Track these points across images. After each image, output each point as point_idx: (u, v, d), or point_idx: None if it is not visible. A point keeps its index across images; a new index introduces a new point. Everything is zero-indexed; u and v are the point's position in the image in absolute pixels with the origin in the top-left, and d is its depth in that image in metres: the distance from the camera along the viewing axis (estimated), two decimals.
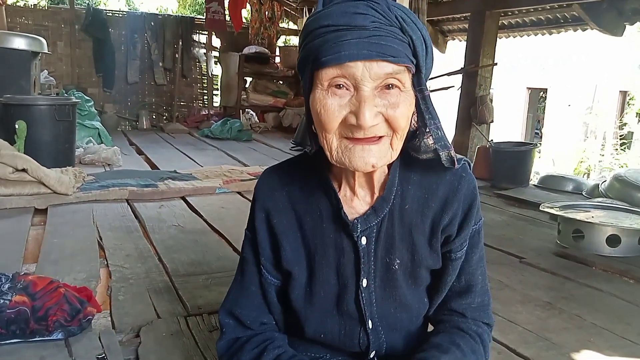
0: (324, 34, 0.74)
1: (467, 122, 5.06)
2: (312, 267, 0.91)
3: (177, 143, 5.90)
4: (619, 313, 1.84)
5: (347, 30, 0.72)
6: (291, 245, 0.92)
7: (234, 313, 0.97)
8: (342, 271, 0.90)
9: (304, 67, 0.79)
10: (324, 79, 0.75)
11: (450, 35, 6.54)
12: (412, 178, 0.88)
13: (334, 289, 0.91)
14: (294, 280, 0.93)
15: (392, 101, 0.75)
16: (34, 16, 7.18)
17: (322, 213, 0.90)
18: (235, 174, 3.87)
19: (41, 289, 1.55)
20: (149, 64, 7.73)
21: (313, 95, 0.77)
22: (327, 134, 0.77)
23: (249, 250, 0.97)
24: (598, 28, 4.61)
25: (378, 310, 0.91)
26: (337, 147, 0.77)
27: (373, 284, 0.90)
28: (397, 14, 0.75)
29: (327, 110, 0.75)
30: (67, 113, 3.81)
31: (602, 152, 8.87)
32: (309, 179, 0.92)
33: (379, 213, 0.87)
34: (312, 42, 0.76)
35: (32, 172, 2.97)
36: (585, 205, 2.92)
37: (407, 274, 0.91)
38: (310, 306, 0.92)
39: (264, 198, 0.94)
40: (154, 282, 1.91)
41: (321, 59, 0.74)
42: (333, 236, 0.89)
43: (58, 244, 2.29)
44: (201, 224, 2.72)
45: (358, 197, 0.88)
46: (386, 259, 0.89)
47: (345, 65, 0.72)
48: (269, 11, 8.08)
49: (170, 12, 14.45)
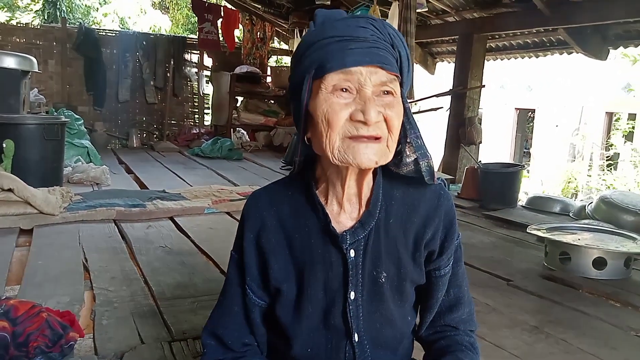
0: (328, 44, 0.82)
1: (455, 143, 5.11)
2: (301, 284, 0.92)
3: (167, 162, 5.88)
4: (605, 337, 1.84)
5: (351, 41, 0.81)
6: (279, 263, 0.93)
7: (216, 333, 0.97)
8: (329, 285, 0.91)
9: (303, 78, 0.84)
10: (329, 83, 0.81)
11: (439, 57, 6.65)
12: (395, 195, 0.93)
13: (321, 303, 0.92)
14: (282, 297, 0.93)
15: (388, 103, 0.82)
16: (26, 35, 7.19)
17: (310, 229, 0.92)
18: (224, 194, 3.86)
19: (23, 314, 1.53)
20: (140, 83, 7.75)
21: (316, 100, 0.82)
22: (332, 132, 0.81)
23: (234, 271, 0.98)
24: (583, 52, 4.71)
25: (364, 325, 0.92)
26: (340, 146, 0.82)
27: (360, 297, 0.91)
28: (389, 32, 0.85)
29: (333, 107, 0.81)
30: (56, 132, 3.79)
31: (589, 172, 8.97)
32: (297, 197, 0.94)
33: (366, 226, 0.90)
34: (315, 53, 0.83)
35: (19, 192, 2.94)
36: (572, 227, 2.94)
37: (394, 288, 0.93)
38: (298, 322, 0.93)
39: (253, 219, 0.95)
40: (138, 305, 1.88)
41: (327, 65, 0.81)
42: (321, 251, 0.91)
43: (43, 265, 2.26)
44: (189, 245, 2.70)
45: (345, 212, 0.91)
46: (373, 272, 0.91)
47: (350, 70, 0.80)
48: (261, 32, 8.17)
49: (163, 31, 14.54)
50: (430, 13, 5.37)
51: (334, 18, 0.85)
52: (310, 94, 0.84)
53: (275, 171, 5.57)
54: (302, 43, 0.86)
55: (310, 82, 0.83)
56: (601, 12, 3.94)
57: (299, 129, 0.89)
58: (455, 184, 4.87)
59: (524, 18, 4.53)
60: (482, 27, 4.97)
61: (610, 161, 9.01)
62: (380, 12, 4.87)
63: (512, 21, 4.70)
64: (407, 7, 4.40)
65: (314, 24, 0.86)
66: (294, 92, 0.87)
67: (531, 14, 4.37)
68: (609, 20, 4.04)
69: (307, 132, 0.88)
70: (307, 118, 0.86)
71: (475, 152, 5.10)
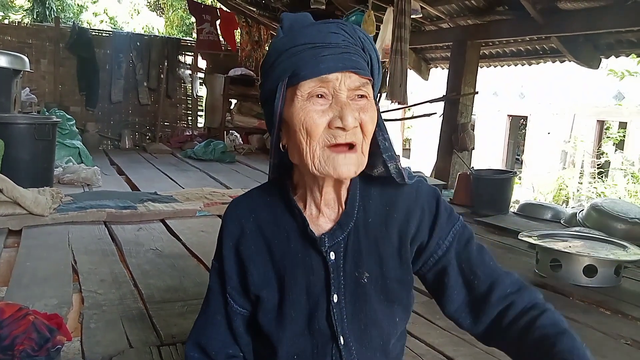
0: (301, 51, 0.81)
1: (448, 149, 5.12)
2: (282, 290, 0.92)
3: (159, 163, 5.85)
4: (595, 345, 1.84)
5: (324, 47, 0.81)
6: (258, 270, 0.93)
7: (200, 344, 0.97)
8: (311, 289, 0.91)
9: (276, 85, 0.84)
10: (305, 91, 0.81)
11: (432, 63, 6.67)
12: (372, 193, 0.93)
13: (304, 308, 0.91)
14: (263, 304, 0.92)
15: (362, 106, 0.83)
16: (18, 33, 7.13)
17: (289, 234, 0.92)
18: (216, 197, 3.84)
19: (9, 317, 1.51)
20: (134, 84, 7.71)
21: (292, 108, 0.82)
22: (311, 140, 0.81)
23: (215, 279, 0.98)
24: (575, 60, 4.75)
25: (349, 326, 0.91)
26: (320, 157, 0.82)
27: (343, 299, 0.90)
28: (359, 36, 0.85)
29: (311, 115, 0.80)
30: (47, 132, 3.76)
31: (580, 180, 9.04)
32: (276, 202, 0.94)
33: (345, 228, 0.90)
34: (287, 60, 0.82)
35: (8, 192, 2.90)
36: (563, 234, 2.95)
37: (378, 288, 0.91)
38: (281, 329, 0.92)
39: (232, 226, 0.95)
40: (127, 309, 1.86)
41: (301, 73, 0.80)
42: (301, 255, 0.91)
43: (31, 267, 2.23)
44: (180, 248, 2.68)
45: (324, 215, 0.91)
46: (355, 273, 0.90)
47: (326, 77, 0.80)
48: (256, 34, 8.16)
49: (156, 32, 14.50)
50: (425, 19, 5.40)
51: (303, 24, 0.85)
52: (284, 102, 0.84)
53: (267, 174, 5.55)
54: (272, 50, 0.85)
55: (284, 90, 0.83)
56: (593, 21, 3.97)
57: (272, 136, 0.88)
58: (448, 190, 4.88)
59: (517, 26, 4.56)
60: (475, 34, 5.00)
61: (601, 169, 9.09)
62: (375, 17, 4.89)
63: (506, 29, 4.72)
64: (401, 12, 4.41)
65: (281, 29, 0.85)
66: (266, 99, 0.87)
67: (524, 22, 4.40)
68: (600, 29, 4.08)
69: (281, 139, 0.87)
70: (282, 126, 0.86)
71: (467, 158, 5.12)
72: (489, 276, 0.91)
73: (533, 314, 0.86)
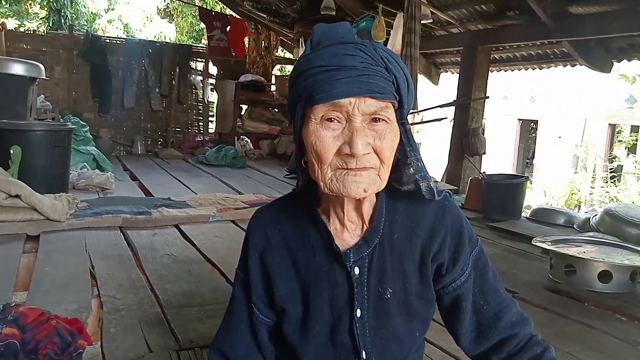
0: (316, 73, 0.80)
1: (459, 154, 5.12)
2: (306, 302, 0.92)
3: (172, 169, 5.91)
4: (611, 352, 1.84)
5: (338, 70, 0.79)
6: (284, 282, 0.93)
7: (223, 352, 0.97)
8: (335, 303, 0.91)
9: (296, 104, 0.83)
10: (318, 114, 0.80)
11: (443, 68, 6.68)
12: (399, 208, 0.92)
13: (328, 321, 0.92)
14: (288, 316, 0.93)
15: (380, 132, 0.81)
16: (33, 41, 7.25)
17: (314, 247, 0.92)
18: (229, 202, 3.87)
19: (32, 321, 1.54)
20: (146, 90, 7.80)
21: (307, 129, 0.82)
22: (322, 164, 0.81)
23: (239, 289, 0.98)
24: (587, 64, 4.74)
25: (371, 341, 0.91)
26: (331, 177, 0.81)
27: (366, 314, 0.91)
28: (382, 55, 0.82)
29: (322, 141, 0.80)
30: (63, 139, 3.82)
31: (592, 184, 8.96)
32: (300, 215, 0.94)
33: (370, 243, 0.90)
34: (304, 82, 0.81)
35: (26, 198, 2.96)
36: (577, 239, 2.94)
37: (401, 303, 0.92)
38: (305, 341, 0.93)
39: (257, 237, 0.95)
40: (146, 313, 1.89)
41: (315, 96, 0.79)
42: (326, 269, 0.91)
43: (50, 272, 2.27)
44: (194, 254, 2.71)
45: (348, 230, 0.91)
46: (378, 289, 0.91)
47: (338, 102, 0.78)
48: (265, 41, 8.22)
49: (168, 39, 14.64)
50: (435, 24, 5.41)
51: (330, 40, 0.82)
52: (303, 121, 0.83)
53: (279, 179, 5.58)
54: (296, 67, 0.85)
55: (301, 110, 0.83)
56: (604, 25, 3.96)
57: (296, 151, 0.89)
58: (459, 195, 4.87)
59: (528, 30, 4.56)
60: (486, 38, 5.00)
61: (614, 173, 9.01)
62: (385, 23, 4.91)
63: (516, 33, 4.73)
64: (411, 18, 4.43)
65: (310, 42, 0.84)
66: (292, 113, 0.87)
67: (535, 26, 4.39)
68: (612, 33, 4.07)
69: (303, 156, 0.87)
70: (301, 143, 0.86)
71: (478, 163, 5.11)
72: (498, 304, 0.96)
73: (537, 350, 0.94)
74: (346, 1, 5.80)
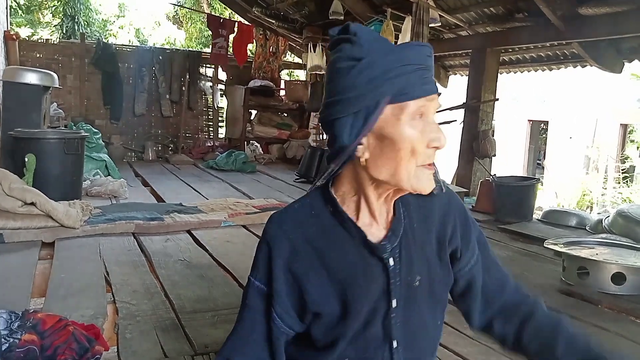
0: (412, 71, 0.84)
1: (469, 156, 5.11)
2: (344, 302, 0.91)
3: (183, 174, 5.95)
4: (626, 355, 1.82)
5: (425, 70, 0.86)
6: (315, 287, 0.91)
7: None
8: (372, 297, 0.91)
9: (376, 99, 0.84)
10: (411, 109, 0.84)
11: (452, 70, 6.67)
12: (410, 201, 0.96)
13: (364, 315, 0.91)
14: (322, 318, 0.92)
15: None
16: (46, 50, 7.35)
17: (344, 245, 0.91)
18: (240, 207, 3.90)
19: (50, 327, 1.57)
20: (156, 97, 7.87)
21: (399, 125, 0.84)
22: (414, 159, 0.85)
23: (255, 299, 0.94)
24: (597, 65, 4.70)
25: (401, 331, 0.93)
26: (414, 174, 0.86)
27: (401, 303, 0.93)
28: None
29: (417, 135, 0.84)
30: (76, 147, 3.87)
31: (604, 185, 8.88)
32: (322, 216, 0.93)
33: (397, 233, 0.93)
34: (397, 78, 0.84)
35: (41, 206, 3.00)
36: (590, 241, 2.92)
37: (426, 291, 0.95)
38: (338, 338, 0.92)
39: (280, 244, 0.92)
40: (160, 319, 1.91)
41: (410, 92, 0.84)
42: (361, 264, 0.91)
43: (65, 278, 2.30)
44: (207, 259, 2.73)
45: (377, 223, 0.93)
46: (408, 278, 0.93)
47: (427, 98, 0.85)
48: (274, 46, 8.27)
49: (177, 44, 14.78)
50: (444, 27, 5.41)
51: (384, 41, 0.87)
52: (383, 117, 0.84)
53: (289, 184, 5.61)
54: (374, 64, 0.84)
55: (383, 106, 0.84)
56: (615, 26, 3.94)
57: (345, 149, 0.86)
58: (470, 197, 4.86)
59: (538, 32, 4.54)
60: (495, 41, 4.99)
61: (626, 174, 8.92)
62: (393, 27, 4.92)
63: (526, 35, 4.71)
64: (419, 22, 4.45)
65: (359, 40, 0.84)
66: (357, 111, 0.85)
67: (545, 28, 4.38)
68: (623, 34, 4.04)
69: (361, 154, 0.86)
70: (371, 140, 0.85)
71: (488, 165, 5.10)
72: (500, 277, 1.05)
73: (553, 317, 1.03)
74: (354, 5, 5.82)
